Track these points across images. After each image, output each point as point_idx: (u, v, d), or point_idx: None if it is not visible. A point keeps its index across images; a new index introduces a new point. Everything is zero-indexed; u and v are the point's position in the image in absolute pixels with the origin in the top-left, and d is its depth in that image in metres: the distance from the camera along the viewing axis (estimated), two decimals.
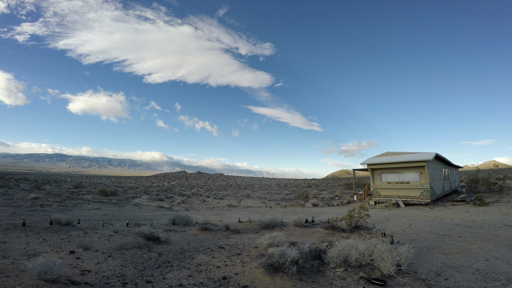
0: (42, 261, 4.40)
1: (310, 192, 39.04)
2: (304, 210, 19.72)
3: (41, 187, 31.74)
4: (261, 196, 35.99)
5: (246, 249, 7.36)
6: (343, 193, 36.66)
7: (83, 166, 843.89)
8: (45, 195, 23.26)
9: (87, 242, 7.29)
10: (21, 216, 11.52)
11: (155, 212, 17.67)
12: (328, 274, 5.40)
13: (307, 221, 11.32)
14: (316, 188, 54.54)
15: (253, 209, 20.51)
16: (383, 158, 24.18)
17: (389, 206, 20.38)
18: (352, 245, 5.85)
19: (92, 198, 23.85)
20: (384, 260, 5.23)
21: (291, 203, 27.23)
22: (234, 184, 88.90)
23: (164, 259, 6.19)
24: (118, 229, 9.48)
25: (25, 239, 7.31)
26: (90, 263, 5.54)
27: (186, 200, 29.35)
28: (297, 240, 8.27)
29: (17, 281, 4.26)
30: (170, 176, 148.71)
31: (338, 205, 24.07)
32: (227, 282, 5.02)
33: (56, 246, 6.74)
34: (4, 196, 19.72)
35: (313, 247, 6.34)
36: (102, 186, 42.21)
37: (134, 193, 33.86)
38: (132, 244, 7.18)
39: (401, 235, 9.05)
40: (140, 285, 4.66)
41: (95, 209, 16.85)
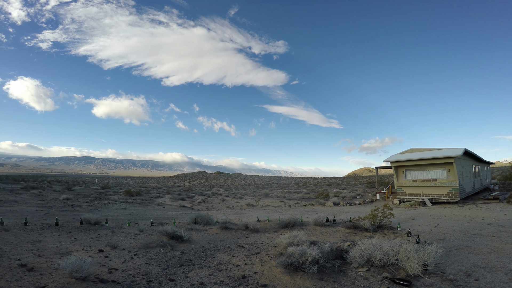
0: (74, 260, 4.64)
1: (330, 191, 38.37)
2: (324, 209, 19.42)
3: (71, 189, 33.67)
4: (280, 195, 35.86)
5: (265, 248, 7.39)
6: (365, 191, 35.67)
7: (109, 168, 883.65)
8: (76, 196, 24.65)
9: (115, 241, 7.64)
10: (54, 216, 12.28)
11: (177, 211, 18.15)
12: (350, 274, 5.29)
13: (328, 220, 11.14)
14: (337, 186, 53.48)
15: (271, 208, 20.50)
16: (407, 154, 23.24)
17: (415, 205, 19.57)
18: (376, 245, 5.71)
19: (118, 198, 24.95)
20: (410, 260, 5.07)
21: (310, 202, 26.91)
22: (252, 183, 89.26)
23: (187, 258, 6.35)
24: (143, 228, 9.85)
25: (58, 238, 7.79)
26: (117, 262, 5.80)
27: (206, 199, 29.89)
28: (318, 239, 8.17)
29: (50, 279, 4.54)
30: (191, 176, 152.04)
31: (360, 204, 23.46)
32: (247, 281, 5.06)
33: (86, 245, 7.12)
34: (39, 197, 21.13)
35: (334, 247, 6.24)
36: (127, 187, 44.02)
37: (157, 193, 35.00)
38: (156, 242, 7.43)
39: (428, 235, 8.67)
40: (163, 283, 4.81)
41: (121, 209, 17.61)
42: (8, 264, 5.11)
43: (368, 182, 55.21)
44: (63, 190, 30.85)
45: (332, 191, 39.43)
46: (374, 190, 36.25)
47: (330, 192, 35.57)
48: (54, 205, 16.92)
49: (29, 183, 37.25)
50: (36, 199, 19.69)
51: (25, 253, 5.97)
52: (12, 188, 27.62)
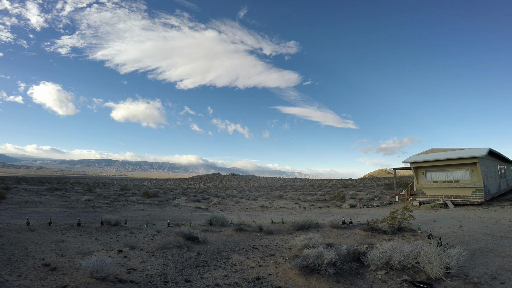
0: (94, 260, 4.80)
1: (346, 193, 37.64)
2: (340, 211, 19.07)
3: (92, 190, 34.96)
4: (294, 197, 35.56)
5: (279, 250, 7.34)
6: (383, 193, 34.73)
7: (127, 170, 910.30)
8: (96, 197, 25.56)
9: (133, 241, 7.85)
10: (76, 216, 12.79)
11: (193, 212, 18.41)
12: (368, 277, 5.17)
13: (345, 223, 10.93)
14: (353, 188, 52.39)
15: (286, 210, 20.36)
16: (428, 155, 22.44)
17: (436, 207, 18.83)
18: (396, 247, 5.57)
19: (137, 199, 25.65)
20: (431, 263, 4.91)
21: (326, 204, 26.51)
22: (266, 185, 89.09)
23: (202, 259, 6.43)
24: (160, 229, 10.06)
25: (79, 238, 8.10)
26: (136, 262, 5.96)
27: (221, 201, 30.14)
28: (334, 241, 8.03)
29: (71, 279, 4.72)
30: (206, 178, 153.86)
31: (378, 206, 22.86)
32: (261, 282, 5.05)
33: (106, 245, 7.36)
34: (62, 199, 22.08)
35: (351, 249, 6.13)
36: (145, 188, 45.15)
37: (173, 195, 35.68)
38: (173, 243, 7.56)
39: (451, 237, 8.31)
40: (179, 284, 4.88)
41: (140, 210, 18.08)
42: (33, 264, 5.36)
43: (386, 183, 53.70)
44: (85, 191, 32.09)
45: (348, 193, 38.65)
46: (392, 192, 35.22)
47: (346, 194, 34.88)
48: (76, 206, 17.62)
49: (53, 184, 39.05)
50: (59, 200, 20.59)
51: (49, 253, 6.25)
52: (37, 190, 29.04)
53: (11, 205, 15.84)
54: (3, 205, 15.71)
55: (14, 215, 12.27)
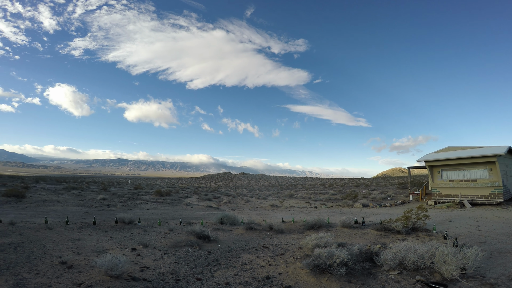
0: (109, 258, 4.93)
1: (359, 192, 37.09)
2: (352, 210, 18.81)
3: (107, 189, 35.91)
4: (305, 196, 35.34)
5: (290, 249, 7.33)
6: (396, 193, 34.01)
7: (141, 169, 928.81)
8: (111, 196, 26.23)
9: (146, 239, 8.01)
10: (92, 215, 13.17)
11: (205, 211, 18.60)
12: (380, 277, 5.10)
13: (357, 222, 10.78)
14: (366, 187, 51.56)
15: (296, 209, 20.27)
16: (443, 153, 21.81)
17: (452, 207, 18.28)
18: (410, 247, 5.49)
19: (150, 198, 26.16)
20: (447, 263, 4.82)
21: (337, 203, 26.21)
22: (276, 184, 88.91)
23: (213, 258, 6.49)
24: (173, 227, 10.23)
25: (95, 236, 8.34)
26: (149, 260, 6.08)
27: (231, 200, 30.31)
28: (346, 241, 7.93)
29: (87, 276, 4.86)
30: (217, 177, 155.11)
31: (391, 205, 22.40)
32: (271, 281, 5.05)
33: (120, 244, 7.55)
34: (78, 197, 22.78)
35: (363, 249, 6.06)
36: (157, 187, 45.97)
37: (185, 194, 36.17)
38: (185, 242, 7.68)
39: (467, 237, 8.06)
40: (191, 282, 4.95)
41: (153, 209, 18.44)
42: (50, 261, 5.56)
43: (400, 183, 52.57)
44: (100, 190, 32.99)
45: (361, 192, 38.08)
46: (406, 191, 34.43)
47: (359, 194, 34.37)
48: (92, 205, 18.14)
49: (70, 184, 40.34)
50: (76, 199, 21.26)
51: (66, 251, 6.46)
52: (55, 189, 30.07)
53: (31, 204, 16.47)
54: (23, 204, 16.36)
55: (33, 214, 12.76)
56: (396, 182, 64.62)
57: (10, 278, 4.57)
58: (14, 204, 15.92)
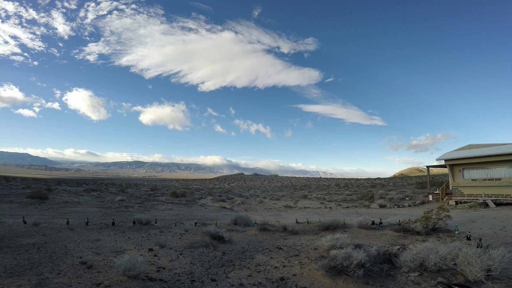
0: (127, 259, 5.03)
1: (375, 193, 36.24)
2: (369, 211, 18.38)
3: (125, 190, 36.90)
4: (319, 197, 34.89)
5: (304, 250, 7.23)
6: (414, 193, 32.98)
7: (156, 171, 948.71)
8: (128, 197, 26.93)
9: (163, 240, 8.13)
10: (110, 216, 13.56)
11: (219, 212, 18.74)
12: (400, 279, 4.95)
13: (374, 223, 10.51)
14: (382, 188, 50.32)
15: (310, 210, 20.03)
16: (465, 151, 20.94)
17: (475, 206, 17.49)
18: (431, 248, 5.34)
19: (166, 199, 26.66)
20: (470, 265, 4.65)
21: (353, 204, 25.70)
22: (290, 185, 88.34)
23: (227, 258, 6.51)
24: (188, 228, 10.36)
25: (114, 237, 8.57)
26: (165, 260, 6.17)
27: (245, 201, 30.38)
28: (363, 242, 7.75)
29: (105, 276, 4.99)
30: (230, 178, 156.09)
31: (410, 206, 21.72)
32: (285, 283, 5.00)
33: (138, 244, 7.71)
34: (98, 199, 23.53)
35: (381, 250, 5.91)
36: (173, 189, 46.80)
37: (200, 195, 36.61)
38: (200, 242, 7.75)
39: (492, 238, 7.69)
40: (206, 283, 4.98)
41: (168, 210, 18.77)
42: (71, 262, 5.75)
43: (418, 182, 50.95)
44: (118, 192, 33.95)
45: (377, 192, 37.20)
46: (426, 191, 33.31)
47: (375, 194, 33.57)
48: (111, 206, 18.69)
49: (90, 186, 41.78)
50: (95, 201, 21.97)
51: (86, 251, 6.67)
52: (76, 191, 31.22)
53: (53, 205, 17.17)
54: (46, 205, 17.08)
55: (56, 215, 13.28)
56: (414, 181, 62.68)
57: (33, 277, 4.75)
58: (38, 205, 16.65)
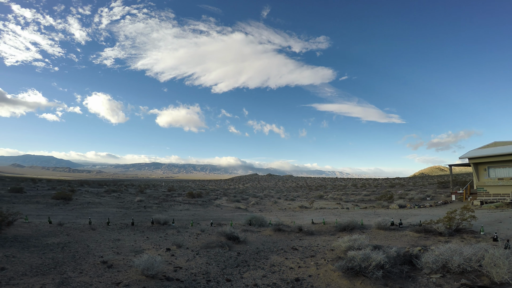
0: (146, 258, 5.14)
1: (394, 193, 35.19)
2: (388, 212, 17.87)
3: (143, 191, 37.93)
4: (336, 197, 34.31)
5: (320, 251, 7.13)
6: (436, 192, 31.74)
7: (173, 172, 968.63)
8: (147, 198, 27.66)
9: (180, 240, 8.29)
10: (130, 216, 13.97)
11: (234, 212, 18.86)
12: (420, 280, 4.80)
13: (393, 224, 10.21)
14: (402, 188, 48.82)
15: (327, 211, 19.72)
16: (490, 149, 19.92)
17: (502, 206, 16.59)
18: (455, 250, 5.18)
19: (182, 200, 27.16)
20: (497, 266, 4.49)
21: (371, 204, 25.08)
22: (305, 185, 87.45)
23: (242, 259, 6.53)
24: (204, 228, 10.50)
25: (133, 237, 8.82)
26: (182, 260, 6.28)
27: (259, 201, 30.38)
28: (381, 243, 7.54)
29: (125, 276, 5.13)
30: (244, 178, 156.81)
31: (431, 206, 20.91)
32: (300, 284, 4.95)
33: (156, 244, 7.90)
34: (118, 200, 24.32)
35: (401, 252, 5.76)
36: (189, 189, 47.61)
37: (215, 195, 37.02)
38: (215, 242, 7.82)
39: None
40: (221, 283, 5.02)
41: (185, 210, 19.11)
42: (93, 261, 5.96)
43: (440, 182, 48.98)
44: (137, 193, 34.96)
45: (397, 192, 36.12)
46: (448, 190, 31.98)
47: (394, 194, 32.58)
48: (130, 206, 19.27)
49: (110, 187, 43.30)
50: (116, 201, 22.72)
51: (107, 251, 6.90)
52: (97, 192, 32.44)
53: (76, 206, 17.92)
54: (70, 206, 17.85)
55: (79, 215, 13.85)
56: (436, 181, 60.35)
57: (56, 276, 4.96)
58: (62, 206, 17.43)
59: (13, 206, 14.78)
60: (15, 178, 67.42)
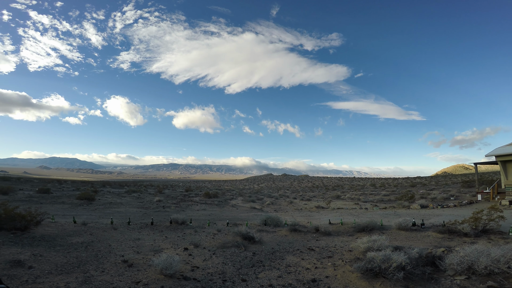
0: (165, 258, 5.25)
1: (415, 192, 33.97)
2: (409, 212, 17.26)
3: (162, 192, 38.86)
4: (353, 197, 33.57)
5: (338, 252, 7.00)
6: (460, 192, 30.31)
7: (190, 173, 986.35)
8: (166, 198, 28.32)
9: (197, 240, 8.41)
10: (149, 216, 14.36)
11: (249, 213, 18.91)
12: (444, 282, 4.62)
13: (415, 224, 9.85)
14: (423, 187, 47.04)
15: (344, 211, 19.33)
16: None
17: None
18: (482, 251, 4.96)
19: (199, 200, 27.59)
20: None
21: (391, 204, 24.33)
22: (321, 185, 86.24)
23: (258, 259, 6.54)
24: (220, 228, 10.61)
25: (152, 236, 9.05)
26: (199, 260, 6.37)
27: (274, 201, 30.27)
28: (402, 244, 7.30)
29: (144, 275, 5.26)
30: (259, 179, 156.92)
31: (455, 206, 19.97)
32: (317, 284, 4.88)
33: (174, 243, 8.06)
34: (138, 200, 25.06)
35: (424, 253, 5.57)
36: (206, 190, 48.24)
37: (231, 195, 37.30)
38: (231, 242, 7.88)
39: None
40: (236, 283, 5.04)
41: (202, 210, 19.40)
42: (114, 260, 6.15)
43: (464, 181, 46.72)
44: (156, 193, 35.87)
45: (418, 192, 34.84)
46: (473, 190, 30.44)
47: (416, 194, 31.44)
48: (150, 206, 19.81)
49: (130, 187, 44.67)
50: (136, 201, 23.44)
51: (127, 250, 7.11)
52: (118, 192, 33.58)
53: (99, 206, 18.64)
54: (93, 206, 18.60)
55: (101, 215, 14.40)
56: (460, 180, 57.71)
57: (79, 275, 5.15)
58: (86, 206, 18.19)
59: (41, 206, 15.59)
60: (42, 179, 71.10)
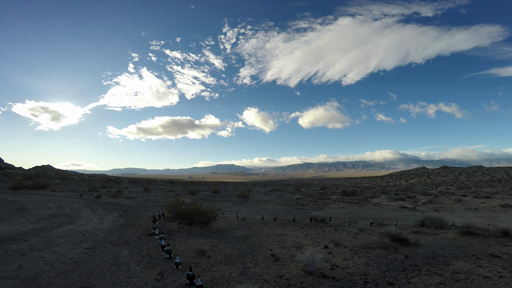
0: (308, 255, 5.53)
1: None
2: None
3: (299, 190, 41.02)
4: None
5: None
6: None
7: (324, 171, 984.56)
8: (303, 196, 29.74)
9: (337, 238, 8.44)
10: (291, 213, 15.59)
11: (397, 212, 16.81)
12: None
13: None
14: None
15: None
16: None
17: None
18: None
19: (336, 198, 27.19)
20: None
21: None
22: (506, 178, 63.77)
23: (411, 262, 5.81)
24: (363, 227, 10.12)
25: (294, 232, 9.79)
26: (339, 259, 6.38)
27: (432, 199, 25.21)
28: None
29: (287, 270, 5.70)
30: (407, 174, 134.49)
31: None
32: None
33: (314, 240, 8.41)
34: (280, 198, 27.63)
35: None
36: (342, 187, 46.82)
37: (371, 193, 34.34)
38: (377, 243, 7.38)
39: None
40: (381, 285, 4.72)
41: (340, 208, 19.05)
42: (264, 253, 7.00)
43: None
44: (294, 191, 38.30)
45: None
46: None
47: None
48: (290, 204, 21.45)
49: (273, 187, 49.87)
50: (278, 199, 25.96)
51: (274, 244, 7.98)
52: (264, 191, 38.24)
53: (251, 203, 21.98)
54: (247, 203, 22.14)
55: (254, 211, 16.92)
56: None
57: (239, 266, 6.07)
58: (243, 203, 21.90)
59: (214, 204, 20.13)
60: (213, 182, 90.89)
